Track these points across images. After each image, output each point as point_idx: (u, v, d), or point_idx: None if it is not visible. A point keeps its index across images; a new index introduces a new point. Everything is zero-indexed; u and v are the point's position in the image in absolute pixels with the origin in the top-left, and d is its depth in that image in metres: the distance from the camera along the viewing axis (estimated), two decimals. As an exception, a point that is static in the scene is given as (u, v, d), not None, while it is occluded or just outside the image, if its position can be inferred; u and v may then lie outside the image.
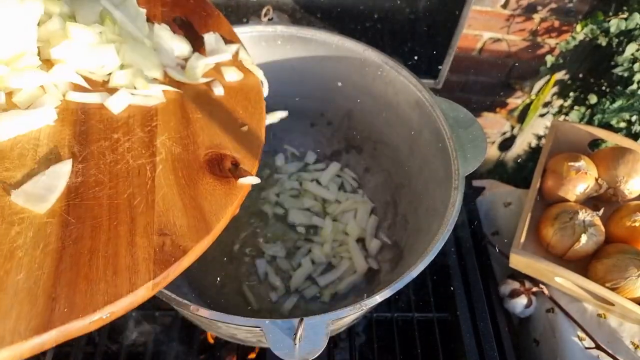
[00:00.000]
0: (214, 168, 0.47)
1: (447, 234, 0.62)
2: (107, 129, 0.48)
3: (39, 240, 0.39)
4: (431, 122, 0.75)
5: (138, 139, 0.48)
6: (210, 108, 0.53)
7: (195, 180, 0.46)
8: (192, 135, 0.49)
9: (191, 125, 0.50)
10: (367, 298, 0.56)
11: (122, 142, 0.47)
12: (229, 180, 0.47)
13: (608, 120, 1.06)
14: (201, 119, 0.51)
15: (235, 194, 0.46)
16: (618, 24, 1.03)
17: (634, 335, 0.82)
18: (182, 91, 0.53)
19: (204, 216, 0.44)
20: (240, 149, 0.50)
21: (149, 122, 0.49)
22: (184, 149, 0.48)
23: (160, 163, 0.46)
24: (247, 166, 0.49)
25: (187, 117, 0.51)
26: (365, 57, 0.80)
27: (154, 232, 0.41)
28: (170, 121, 0.50)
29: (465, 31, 1.16)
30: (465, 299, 0.87)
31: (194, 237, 0.42)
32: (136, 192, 0.44)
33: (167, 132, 0.49)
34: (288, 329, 0.51)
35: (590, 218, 0.81)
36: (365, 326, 0.93)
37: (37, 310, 0.35)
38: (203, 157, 0.48)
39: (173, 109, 0.51)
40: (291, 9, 1.04)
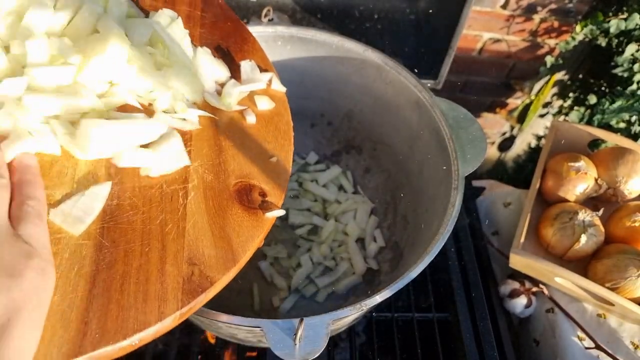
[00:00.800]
0: (243, 198, 0.47)
1: (446, 234, 0.62)
2: None
3: (75, 262, 0.39)
4: (431, 122, 0.75)
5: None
6: (242, 136, 0.53)
7: (225, 209, 0.46)
8: (223, 163, 0.49)
9: (223, 153, 0.50)
10: (367, 298, 0.56)
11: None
12: (257, 211, 0.47)
13: (608, 120, 1.07)
14: (232, 147, 0.51)
15: (261, 226, 0.46)
16: (618, 24, 1.03)
17: (634, 335, 0.82)
18: (216, 117, 0.53)
19: (232, 247, 0.44)
20: (268, 180, 0.50)
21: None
22: (215, 177, 0.48)
23: (192, 190, 0.46)
24: (274, 198, 0.49)
25: (220, 144, 0.51)
26: (365, 57, 0.80)
27: (184, 260, 0.41)
28: (203, 148, 0.50)
29: (465, 31, 1.16)
30: (465, 299, 0.87)
31: (221, 269, 0.42)
32: (168, 218, 0.44)
33: (200, 159, 0.49)
34: (288, 329, 0.51)
35: (590, 218, 0.81)
36: (365, 326, 0.94)
37: (69, 334, 0.35)
38: (233, 187, 0.48)
39: (206, 136, 0.51)
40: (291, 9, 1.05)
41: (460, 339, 0.83)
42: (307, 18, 1.06)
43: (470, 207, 1.02)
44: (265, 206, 0.47)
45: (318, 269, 0.87)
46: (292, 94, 0.91)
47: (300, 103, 0.93)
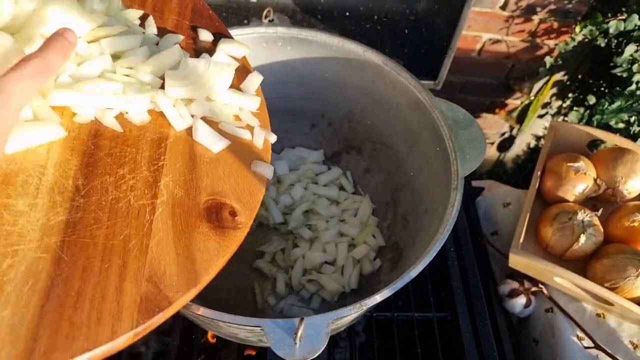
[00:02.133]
0: (212, 217, 0.46)
1: (446, 234, 0.62)
2: (115, 163, 0.47)
3: (30, 275, 0.38)
4: (431, 123, 0.75)
5: (143, 177, 0.47)
6: (219, 153, 0.51)
7: (192, 227, 0.45)
8: (196, 179, 0.48)
9: (197, 168, 0.49)
10: (367, 298, 0.56)
11: (126, 179, 0.46)
12: (224, 230, 0.46)
13: (607, 121, 1.07)
14: (208, 162, 0.50)
15: (228, 246, 0.45)
16: (617, 25, 1.03)
17: (633, 335, 0.83)
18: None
19: (195, 267, 0.43)
20: (240, 199, 0.48)
21: (156, 161, 0.48)
22: (185, 193, 0.47)
23: (160, 206, 0.45)
24: (244, 217, 0.47)
25: (195, 159, 0.50)
26: (366, 58, 0.81)
27: (144, 278, 0.40)
28: (177, 162, 0.49)
29: (465, 32, 1.16)
30: (465, 298, 0.88)
31: (181, 288, 0.41)
32: (133, 234, 0.43)
33: (172, 174, 0.48)
34: (289, 328, 0.52)
35: (589, 218, 0.81)
36: (365, 326, 0.94)
37: (17, 351, 0.34)
38: (203, 204, 0.47)
39: (182, 149, 0.50)
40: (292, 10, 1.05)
41: (460, 339, 0.83)
42: (308, 19, 1.06)
43: (470, 207, 1.02)
44: (233, 224, 0.46)
45: (317, 269, 0.87)
46: (292, 94, 0.92)
47: (300, 104, 0.94)
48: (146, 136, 0.50)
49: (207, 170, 0.49)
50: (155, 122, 0.51)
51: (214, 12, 0.64)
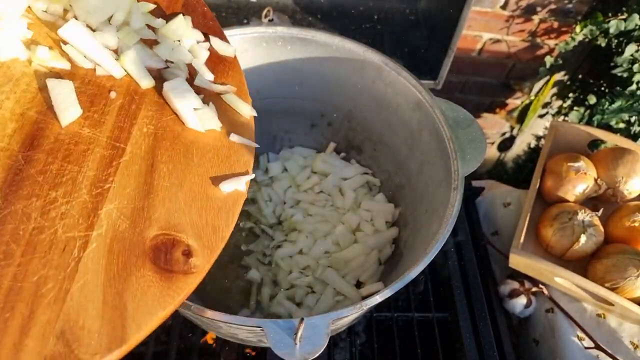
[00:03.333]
0: (159, 257, 0.38)
1: (446, 234, 0.62)
2: (47, 183, 0.38)
3: None
4: (431, 122, 0.75)
5: (80, 203, 0.38)
6: (183, 173, 0.43)
7: (131, 270, 0.36)
8: (147, 209, 0.40)
9: (152, 194, 0.41)
10: (367, 298, 0.56)
11: (58, 203, 0.37)
12: (172, 276, 0.37)
13: (607, 120, 1.07)
14: (167, 188, 0.42)
15: (172, 296, 0.37)
16: (617, 24, 1.03)
17: (634, 335, 0.82)
18: (159, 140, 0.44)
19: (123, 322, 0.34)
20: (201, 235, 0.40)
21: (102, 184, 0.40)
22: (131, 226, 0.38)
23: (95, 240, 0.37)
24: (201, 259, 0.39)
25: (151, 183, 0.41)
26: (366, 58, 0.80)
27: (53, 334, 0.32)
28: (129, 186, 0.40)
29: (465, 32, 1.16)
30: (465, 299, 0.87)
31: (100, 349, 0.33)
32: (51, 275, 0.34)
33: (119, 200, 0.39)
34: (289, 328, 0.51)
35: (590, 218, 0.81)
36: (365, 326, 0.94)
37: None
38: (150, 240, 0.38)
39: (137, 170, 0.42)
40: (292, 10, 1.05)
41: (460, 339, 0.83)
42: (307, 19, 1.06)
43: (470, 207, 1.02)
44: (185, 267, 0.38)
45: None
46: (292, 94, 0.92)
47: (300, 103, 0.93)
48: (95, 151, 0.41)
49: (165, 197, 0.41)
50: (111, 130, 0.43)
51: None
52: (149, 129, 0.46)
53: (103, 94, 0.46)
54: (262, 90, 0.90)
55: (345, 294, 0.81)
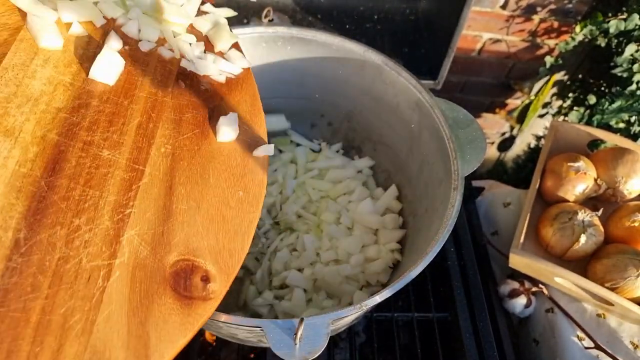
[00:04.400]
0: (179, 283, 0.38)
1: (446, 234, 0.62)
2: (70, 210, 0.38)
3: None
4: (431, 122, 0.75)
5: (102, 230, 0.38)
6: (200, 196, 0.43)
7: (152, 298, 0.36)
8: (167, 233, 0.40)
9: (171, 218, 0.41)
10: (367, 298, 0.56)
11: (82, 231, 0.37)
12: (192, 302, 0.37)
13: (607, 120, 1.07)
14: (185, 211, 0.42)
15: (192, 323, 0.37)
16: (617, 24, 1.03)
17: (634, 335, 0.82)
18: (178, 159, 0.45)
19: (147, 352, 0.34)
20: (218, 259, 0.40)
21: (123, 209, 0.40)
22: (152, 252, 0.38)
23: (117, 268, 0.37)
24: (218, 285, 0.39)
25: (170, 207, 0.41)
26: (366, 58, 0.80)
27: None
28: (148, 210, 0.40)
29: (465, 32, 1.16)
30: (465, 299, 0.87)
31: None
32: (77, 306, 0.34)
33: (140, 225, 0.39)
34: (288, 328, 0.51)
35: (590, 218, 0.81)
36: (365, 326, 0.94)
37: None
38: (171, 267, 0.38)
39: (157, 193, 0.42)
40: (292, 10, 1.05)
41: (460, 339, 0.83)
42: (308, 19, 1.06)
43: (470, 207, 1.02)
44: (203, 293, 0.38)
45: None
46: (292, 94, 0.92)
47: (300, 103, 0.93)
48: (115, 175, 0.41)
49: (183, 221, 0.41)
50: (130, 152, 0.43)
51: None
52: (166, 149, 0.46)
53: (121, 112, 0.47)
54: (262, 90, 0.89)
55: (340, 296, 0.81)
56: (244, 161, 0.49)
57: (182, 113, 0.50)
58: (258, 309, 0.81)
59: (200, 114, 0.51)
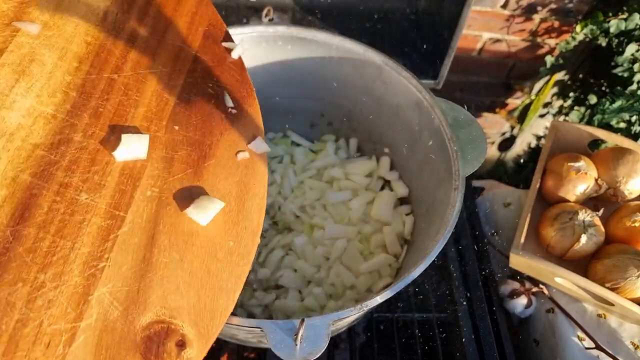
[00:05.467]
0: (151, 350, 0.34)
1: (447, 234, 0.62)
2: (36, 264, 0.34)
3: None
4: (431, 122, 0.75)
5: (70, 287, 0.34)
6: (186, 247, 0.39)
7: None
8: (143, 291, 0.36)
9: (150, 273, 0.36)
10: (368, 298, 0.56)
11: (46, 289, 0.33)
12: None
13: (608, 120, 1.07)
14: (166, 265, 0.37)
15: None
16: (618, 24, 1.03)
17: (634, 335, 0.82)
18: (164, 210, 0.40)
19: None
20: (197, 321, 0.36)
21: (96, 262, 0.35)
22: (123, 313, 0.34)
23: (83, 332, 0.33)
24: (195, 352, 0.35)
25: (150, 260, 0.37)
26: (366, 57, 0.80)
27: None
28: (125, 264, 0.36)
29: (465, 32, 1.16)
30: (465, 299, 0.87)
31: None
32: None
33: (113, 282, 0.35)
34: (289, 329, 0.51)
35: (590, 218, 0.81)
36: (366, 326, 0.94)
37: None
38: (143, 331, 0.34)
39: (136, 244, 0.37)
40: (291, 9, 1.05)
41: (460, 339, 0.83)
42: (307, 18, 1.06)
43: (470, 207, 1.02)
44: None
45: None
46: (292, 94, 0.92)
47: (300, 103, 0.93)
48: (92, 222, 0.37)
49: (163, 276, 0.37)
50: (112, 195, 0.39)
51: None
52: (152, 192, 0.41)
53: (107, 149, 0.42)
54: (261, 90, 0.89)
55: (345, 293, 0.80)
56: (239, 206, 0.44)
57: (175, 150, 0.45)
58: (252, 309, 0.81)
59: (195, 152, 0.46)
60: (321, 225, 0.86)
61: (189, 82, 0.51)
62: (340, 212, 0.88)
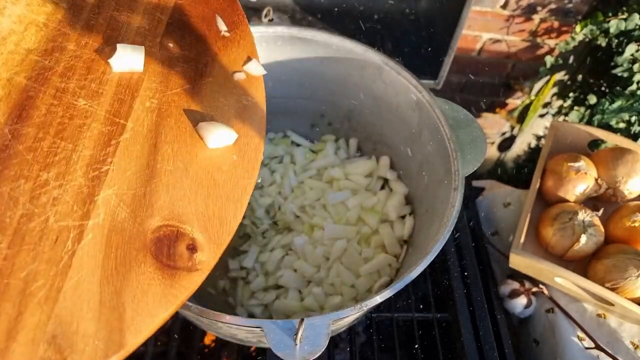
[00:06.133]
0: (162, 251, 0.34)
1: (447, 234, 0.62)
2: (37, 162, 0.34)
3: None
4: (431, 122, 0.75)
5: (74, 187, 0.34)
6: (190, 157, 0.39)
7: (130, 266, 0.32)
8: (149, 195, 0.35)
9: (155, 179, 0.36)
10: (368, 298, 0.56)
11: (50, 187, 0.33)
12: (176, 272, 0.33)
13: (607, 120, 1.07)
14: (171, 172, 0.37)
15: (175, 296, 0.32)
16: (617, 24, 1.03)
17: (634, 335, 0.82)
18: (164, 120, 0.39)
19: (121, 325, 0.30)
20: (207, 227, 0.36)
21: (100, 165, 0.35)
22: (131, 215, 0.34)
23: (91, 230, 0.33)
24: (207, 255, 0.35)
25: (154, 166, 0.37)
26: (366, 58, 0.80)
27: (43, 338, 0.28)
28: (128, 169, 0.36)
29: (465, 32, 1.16)
30: (465, 299, 0.87)
31: (96, 356, 0.29)
32: (41, 270, 0.30)
33: (118, 185, 0.35)
34: (289, 329, 0.51)
35: (590, 218, 0.81)
36: (366, 326, 0.94)
37: None
38: (153, 232, 0.34)
39: (139, 151, 0.37)
40: (291, 10, 1.05)
41: (460, 339, 0.83)
42: (307, 18, 1.06)
43: (470, 207, 1.02)
44: (189, 264, 0.34)
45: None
46: (292, 94, 0.92)
47: (300, 103, 0.93)
48: (92, 127, 0.37)
49: (169, 183, 0.37)
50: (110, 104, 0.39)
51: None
52: (152, 104, 0.41)
53: (101, 59, 0.42)
54: (262, 90, 0.90)
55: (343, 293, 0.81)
56: (240, 124, 0.44)
57: (171, 66, 0.45)
58: (252, 309, 0.81)
59: (191, 68, 0.46)
60: (321, 225, 0.86)
61: (180, 4, 0.51)
62: (340, 212, 0.88)
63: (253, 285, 0.83)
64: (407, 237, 0.83)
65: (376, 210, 0.87)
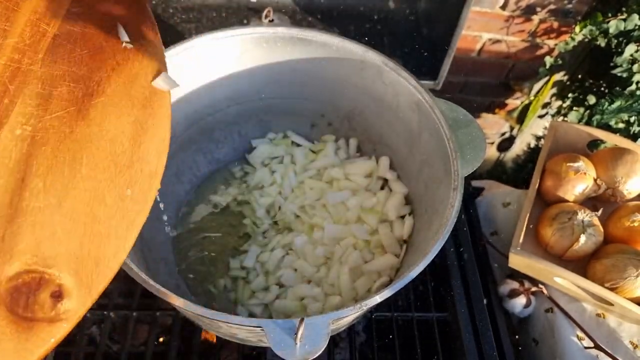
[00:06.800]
0: (18, 302, 0.30)
1: (446, 234, 0.62)
2: None
3: None
4: (431, 123, 0.75)
5: None
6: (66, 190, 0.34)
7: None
8: (10, 238, 0.31)
9: (18, 219, 0.32)
10: (367, 298, 0.56)
11: None
12: (32, 325, 0.29)
13: (607, 121, 1.07)
14: (41, 210, 0.33)
15: (30, 350, 0.28)
16: (617, 24, 1.03)
17: (633, 335, 0.83)
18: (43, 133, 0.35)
19: None
20: (78, 270, 0.32)
21: None
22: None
23: None
24: (75, 302, 0.31)
25: (18, 205, 0.32)
26: (366, 58, 0.81)
27: None
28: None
29: (465, 32, 1.16)
30: (465, 298, 0.88)
31: None
32: None
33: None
34: (289, 328, 0.52)
35: (589, 218, 0.81)
36: (365, 326, 0.94)
37: None
38: (9, 282, 0.30)
39: (2, 186, 0.33)
40: (292, 10, 1.05)
41: (460, 339, 0.83)
42: (308, 19, 1.06)
43: (470, 207, 1.02)
44: (52, 314, 0.30)
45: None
46: (292, 94, 0.92)
47: (300, 104, 0.94)
48: None
49: (35, 222, 0.32)
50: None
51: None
52: (24, 131, 0.36)
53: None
54: (262, 91, 0.90)
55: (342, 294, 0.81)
56: (134, 147, 0.39)
57: (54, 86, 0.40)
58: (252, 308, 0.81)
59: (79, 87, 0.41)
60: (321, 225, 0.87)
61: (74, 12, 0.45)
62: (340, 212, 0.88)
63: (253, 285, 0.83)
64: (407, 237, 0.84)
65: (376, 210, 0.87)
